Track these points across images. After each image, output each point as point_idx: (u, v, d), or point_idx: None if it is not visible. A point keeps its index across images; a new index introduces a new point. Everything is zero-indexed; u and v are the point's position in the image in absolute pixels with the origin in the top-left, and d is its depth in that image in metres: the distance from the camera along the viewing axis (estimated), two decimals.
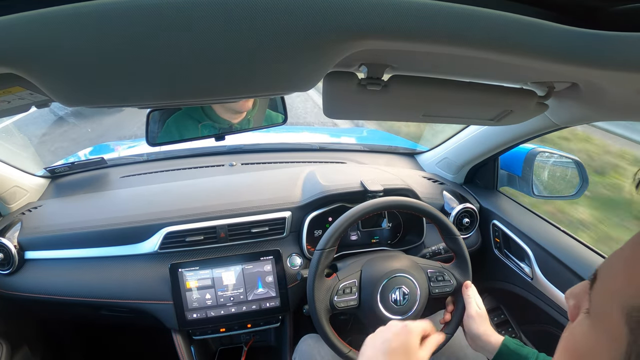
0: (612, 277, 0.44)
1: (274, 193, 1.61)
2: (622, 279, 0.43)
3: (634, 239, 0.44)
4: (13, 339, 1.61)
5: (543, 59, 0.48)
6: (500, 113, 0.87)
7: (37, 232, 1.51)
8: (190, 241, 1.48)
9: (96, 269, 1.49)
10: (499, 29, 0.45)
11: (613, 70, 0.49)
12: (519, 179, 1.66)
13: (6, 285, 1.47)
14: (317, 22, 0.42)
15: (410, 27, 0.44)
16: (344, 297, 1.23)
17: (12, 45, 0.42)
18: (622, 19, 0.44)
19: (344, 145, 2.38)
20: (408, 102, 0.80)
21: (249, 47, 0.46)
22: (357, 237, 1.65)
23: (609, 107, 0.81)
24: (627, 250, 0.44)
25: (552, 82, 0.78)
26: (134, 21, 0.40)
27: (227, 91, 0.57)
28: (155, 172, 1.88)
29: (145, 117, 1.40)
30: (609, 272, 0.45)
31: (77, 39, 0.42)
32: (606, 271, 0.46)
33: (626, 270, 0.43)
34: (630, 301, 0.39)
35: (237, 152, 2.05)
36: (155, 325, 1.50)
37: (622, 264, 0.44)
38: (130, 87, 0.53)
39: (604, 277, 0.45)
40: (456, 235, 1.30)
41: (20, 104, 0.73)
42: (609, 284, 0.44)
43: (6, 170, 1.62)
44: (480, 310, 1.18)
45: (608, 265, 0.46)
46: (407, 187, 1.61)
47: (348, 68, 0.68)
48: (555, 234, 1.47)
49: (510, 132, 1.43)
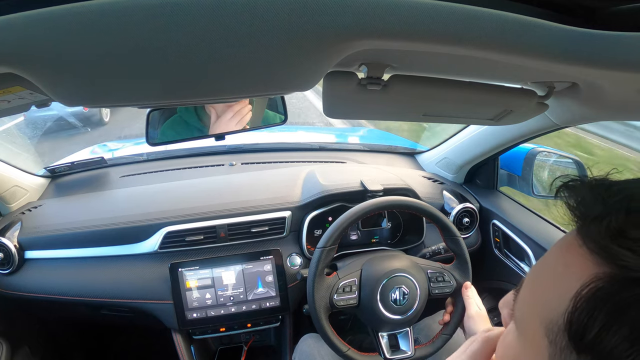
0: (532, 288, 0.44)
1: (273, 193, 1.61)
2: (540, 290, 0.42)
3: (553, 250, 0.43)
4: (13, 339, 1.61)
5: (543, 58, 0.48)
6: (500, 113, 0.87)
7: (37, 231, 1.51)
8: (190, 241, 1.48)
9: (96, 268, 1.49)
10: (499, 29, 0.45)
11: (613, 70, 0.49)
12: (519, 179, 1.66)
13: (6, 285, 1.47)
14: (317, 22, 0.42)
15: (410, 27, 0.44)
16: (344, 296, 1.23)
17: (12, 45, 0.42)
18: (621, 19, 0.44)
19: (344, 144, 2.38)
20: (408, 101, 0.79)
21: (249, 47, 0.46)
22: (357, 236, 1.65)
23: (609, 107, 0.81)
24: (546, 260, 0.44)
25: (552, 82, 0.78)
26: (133, 21, 0.40)
27: (227, 91, 0.58)
28: (155, 172, 1.88)
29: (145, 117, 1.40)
30: (530, 283, 0.45)
31: (76, 38, 0.42)
32: (528, 281, 0.45)
33: (544, 280, 0.42)
34: (548, 314, 0.39)
35: (237, 151, 2.05)
36: (155, 325, 1.50)
37: (541, 274, 0.44)
38: (130, 87, 0.53)
39: (526, 287, 0.45)
40: (457, 236, 1.30)
41: (20, 104, 0.73)
42: (530, 295, 0.44)
43: (6, 170, 1.61)
44: (480, 311, 1.18)
45: (530, 275, 0.45)
46: (407, 186, 1.61)
47: (348, 68, 0.68)
48: (555, 233, 1.47)
49: (510, 131, 1.43)
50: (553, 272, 0.41)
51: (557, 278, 0.40)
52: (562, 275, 0.40)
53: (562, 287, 0.38)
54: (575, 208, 0.40)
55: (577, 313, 0.36)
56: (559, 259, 0.42)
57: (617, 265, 0.35)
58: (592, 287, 0.36)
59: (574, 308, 0.36)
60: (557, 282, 0.40)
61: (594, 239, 0.37)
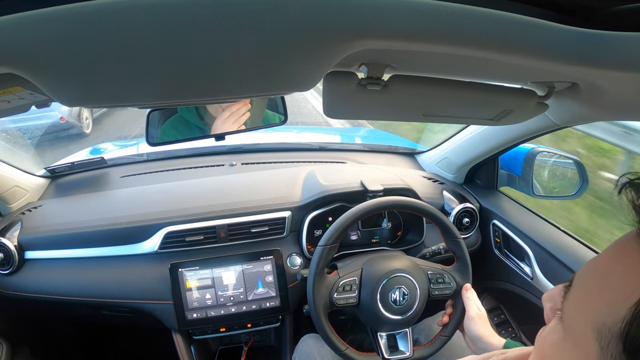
0: (585, 288, 0.42)
1: (274, 193, 1.61)
2: (594, 291, 0.40)
3: (609, 250, 0.41)
4: (13, 339, 1.61)
5: (543, 58, 0.48)
6: (500, 113, 0.86)
7: (37, 232, 1.51)
8: (190, 241, 1.48)
9: (96, 268, 1.49)
10: (499, 29, 0.45)
11: (613, 70, 0.49)
12: (519, 179, 1.66)
13: (6, 285, 1.47)
14: (317, 22, 0.42)
15: (410, 27, 0.44)
16: (344, 295, 1.23)
17: (12, 45, 0.42)
18: (621, 18, 0.44)
19: (344, 145, 2.38)
20: (408, 101, 0.79)
21: (249, 47, 0.46)
22: (357, 236, 1.65)
23: (609, 107, 0.81)
24: (601, 260, 0.42)
25: (552, 82, 0.78)
26: (133, 21, 0.40)
27: (226, 91, 0.58)
28: (155, 172, 1.88)
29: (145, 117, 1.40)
30: (583, 282, 0.42)
31: (76, 39, 0.42)
32: (580, 280, 0.43)
33: (599, 282, 0.40)
34: (601, 318, 0.37)
35: (237, 152, 2.05)
36: (156, 325, 1.50)
37: (595, 274, 0.41)
38: (130, 87, 0.53)
39: (577, 286, 0.43)
40: (458, 237, 1.30)
41: (20, 104, 0.73)
42: (582, 295, 0.42)
43: (6, 170, 1.62)
44: (480, 312, 1.18)
45: (583, 273, 0.43)
46: (407, 187, 1.61)
47: (348, 68, 0.67)
48: (555, 233, 1.47)
49: (510, 132, 1.43)
50: (610, 274, 0.39)
51: (615, 282, 0.38)
52: (621, 279, 0.37)
53: (620, 293, 0.36)
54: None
55: (636, 324, 0.34)
56: (617, 260, 0.40)
57: None
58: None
59: (633, 317, 0.34)
60: (614, 287, 0.38)
61: None
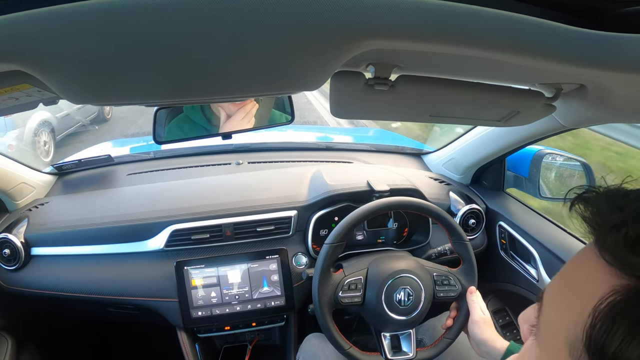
0: (554, 304, 0.42)
1: (280, 192, 1.61)
2: (563, 306, 0.40)
3: (571, 263, 0.42)
4: (18, 335, 1.62)
5: (552, 60, 0.48)
6: (507, 114, 0.86)
7: (44, 228, 1.52)
8: (196, 239, 1.49)
9: (102, 266, 1.50)
10: (507, 30, 0.45)
11: (621, 72, 0.49)
12: (525, 181, 1.65)
13: (12, 281, 1.48)
14: (325, 22, 0.42)
15: (418, 27, 0.44)
16: (349, 293, 1.23)
17: (20, 43, 0.42)
18: (630, 20, 0.44)
19: (351, 144, 2.38)
20: (415, 102, 0.79)
21: (257, 47, 0.46)
22: (363, 236, 1.65)
23: (616, 109, 0.80)
24: (565, 274, 0.42)
25: (560, 84, 0.78)
26: (141, 20, 0.41)
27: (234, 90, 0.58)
28: (161, 170, 1.88)
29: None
30: (551, 297, 0.43)
31: (84, 36, 0.42)
32: (549, 296, 0.43)
33: (565, 297, 0.41)
34: (570, 330, 0.37)
35: (244, 150, 2.05)
36: (161, 323, 1.51)
37: (561, 289, 0.42)
38: (138, 85, 0.54)
39: (547, 302, 0.43)
40: (465, 240, 1.30)
41: (28, 101, 0.73)
42: (552, 311, 0.42)
43: (13, 167, 1.62)
44: (485, 316, 1.18)
45: (551, 289, 0.44)
46: (414, 187, 1.61)
47: (355, 68, 0.68)
48: (561, 235, 1.46)
49: (518, 133, 1.42)
50: (572, 286, 0.40)
51: (577, 292, 0.39)
52: (581, 289, 0.38)
53: (581, 302, 0.37)
54: (592, 220, 0.38)
55: (596, 328, 0.35)
56: (577, 271, 0.40)
57: (635, 277, 0.34)
58: (609, 300, 0.34)
59: (593, 323, 0.35)
60: (577, 297, 0.38)
61: (610, 249, 0.36)
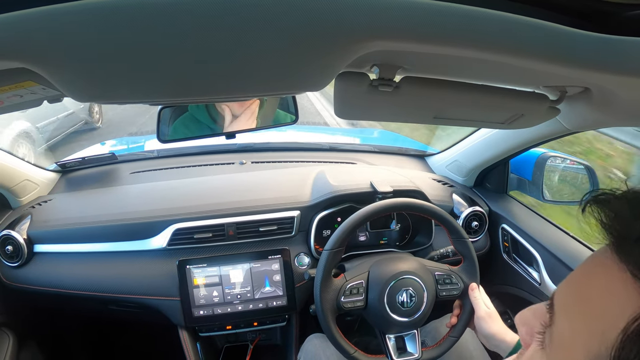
0: (569, 314, 0.39)
1: (283, 192, 1.61)
2: (581, 318, 0.38)
3: (584, 268, 0.39)
4: (20, 331, 1.62)
5: (557, 63, 0.48)
6: (511, 116, 0.86)
7: (47, 225, 1.52)
8: (199, 238, 1.49)
9: (105, 263, 1.50)
10: (512, 32, 0.45)
11: (625, 75, 0.49)
12: (529, 183, 1.65)
13: (14, 278, 1.49)
14: (330, 22, 0.42)
15: (423, 28, 0.44)
16: (351, 298, 1.23)
17: (25, 40, 0.42)
18: (635, 24, 0.44)
19: (354, 145, 2.38)
20: (419, 103, 0.79)
21: (262, 47, 0.46)
22: (366, 238, 1.65)
23: (621, 113, 0.80)
24: (578, 281, 0.40)
25: (565, 87, 0.77)
26: (146, 19, 0.41)
27: (239, 89, 0.58)
28: (165, 169, 1.89)
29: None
30: (566, 307, 0.40)
31: (89, 34, 0.42)
32: (562, 303, 0.41)
33: (584, 307, 0.38)
34: (594, 348, 0.35)
35: (248, 150, 2.05)
36: (162, 322, 1.51)
37: (578, 298, 0.39)
38: (143, 84, 0.54)
39: (560, 311, 0.40)
40: (465, 238, 1.29)
41: (33, 99, 0.73)
42: (566, 321, 0.39)
43: (17, 164, 1.63)
44: (490, 310, 1.18)
45: (564, 296, 0.41)
46: (417, 188, 1.61)
47: (360, 69, 0.68)
48: (564, 239, 1.46)
49: (522, 136, 1.42)
50: (592, 298, 0.37)
51: (597, 306, 0.36)
52: (603, 303, 0.36)
53: (605, 318, 0.34)
54: (611, 226, 0.36)
55: (625, 351, 0.32)
56: (595, 281, 0.38)
57: None
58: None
59: (622, 344, 0.33)
60: (598, 311, 0.36)
61: (638, 262, 0.33)
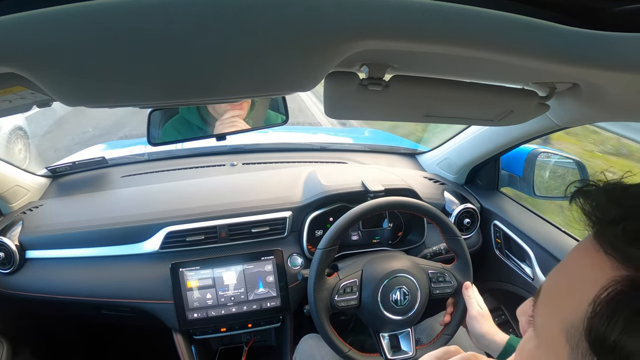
0: (551, 294, 0.44)
1: (274, 193, 1.61)
2: (560, 295, 0.42)
3: (570, 255, 0.43)
4: (14, 338, 1.61)
5: (545, 59, 0.48)
6: (501, 113, 0.86)
7: (38, 231, 1.51)
8: (191, 241, 1.48)
9: (97, 268, 1.49)
10: (500, 30, 0.45)
11: (614, 71, 0.49)
12: (520, 180, 1.66)
13: (7, 285, 1.47)
14: (318, 22, 0.42)
15: (411, 27, 0.44)
16: (345, 297, 1.23)
17: (14, 45, 0.42)
18: (623, 19, 0.44)
19: (345, 145, 2.38)
20: (409, 102, 0.79)
21: (251, 48, 0.46)
22: (358, 237, 1.65)
23: (610, 108, 0.81)
24: (563, 266, 0.44)
25: (554, 83, 0.78)
26: (134, 22, 0.40)
27: (228, 91, 0.58)
28: (156, 172, 1.88)
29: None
30: (549, 289, 0.45)
31: (78, 38, 0.42)
32: (547, 288, 0.45)
33: (563, 286, 0.43)
34: (569, 318, 0.39)
35: (238, 151, 2.05)
36: (156, 325, 1.50)
37: (559, 279, 0.44)
38: (132, 87, 0.53)
39: (544, 294, 0.45)
40: (457, 235, 1.30)
41: (22, 104, 0.73)
42: (549, 301, 0.44)
43: (7, 170, 1.61)
44: (482, 310, 1.18)
45: (548, 281, 0.45)
46: (408, 187, 1.61)
47: (349, 68, 0.67)
48: (556, 234, 1.47)
49: (512, 132, 1.43)
50: (571, 277, 0.42)
51: (576, 283, 0.40)
52: (580, 280, 0.40)
53: (581, 292, 0.38)
54: (591, 213, 0.40)
55: (597, 318, 0.36)
56: (576, 264, 0.42)
57: (635, 268, 0.35)
58: (610, 291, 0.36)
59: (593, 313, 0.36)
60: (576, 287, 0.40)
61: (610, 242, 0.37)
